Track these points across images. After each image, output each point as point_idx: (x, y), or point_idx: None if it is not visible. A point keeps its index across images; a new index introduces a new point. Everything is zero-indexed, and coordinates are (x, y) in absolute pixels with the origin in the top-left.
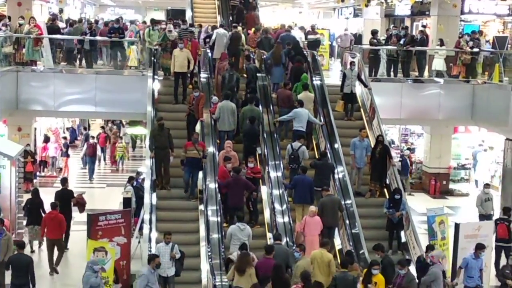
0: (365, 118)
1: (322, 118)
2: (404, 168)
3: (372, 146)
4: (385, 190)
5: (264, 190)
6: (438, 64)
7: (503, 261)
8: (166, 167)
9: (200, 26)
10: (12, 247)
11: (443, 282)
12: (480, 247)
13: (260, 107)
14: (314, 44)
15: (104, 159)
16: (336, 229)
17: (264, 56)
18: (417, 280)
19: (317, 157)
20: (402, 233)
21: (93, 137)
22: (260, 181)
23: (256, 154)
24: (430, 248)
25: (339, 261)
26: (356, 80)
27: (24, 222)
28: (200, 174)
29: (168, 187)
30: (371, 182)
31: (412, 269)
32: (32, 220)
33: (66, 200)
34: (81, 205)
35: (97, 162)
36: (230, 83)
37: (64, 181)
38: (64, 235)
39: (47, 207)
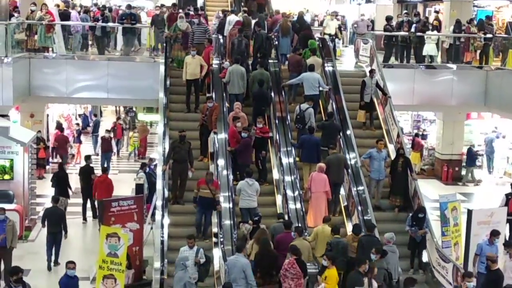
0: (384, 127)
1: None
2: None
3: (387, 156)
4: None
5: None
6: (430, 49)
7: None
8: (183, 182)
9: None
10: (16, 233)
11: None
12: (495, 234)
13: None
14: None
15: (118, 153)
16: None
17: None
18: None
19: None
20: (424, 252)
21: (108, 131)
22: (269, 140)
23: (265, 115)
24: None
25: (344, 217)
26: (375, 89)
27: (37, 208)
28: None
29: (182, 202)
30: (392, 196)
31: None
32: (60, 192)
33: (89, 175)
34: None
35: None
36: (239, 48)
37: (88, 158)
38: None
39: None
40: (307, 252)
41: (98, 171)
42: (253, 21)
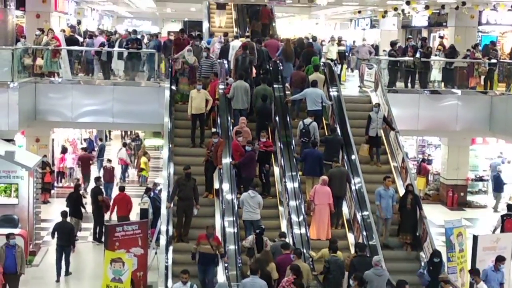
0: (392, 162)
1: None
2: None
3: (395, 193)
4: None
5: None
6: (433, 75)
7: None
8: (188, 220)
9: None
10: (24, 259)
11: None
12: (500, 259)
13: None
14: (341, 56)
15: (124, 179)
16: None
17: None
18: None
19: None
20: None
21: (109, 161)
22: (272, 155)
23: (268, 129)
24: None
25: (346, 229)
26: (382, 123)
27: (41, 232)
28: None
29: (187, 240)
30: (402, 234)
31: None
32: (71, 212)
33: (95, 197)
34: (106, 206)
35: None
36: (243, 65)
37: (97, 179)
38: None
39: None
40: (306, 275)
41: None
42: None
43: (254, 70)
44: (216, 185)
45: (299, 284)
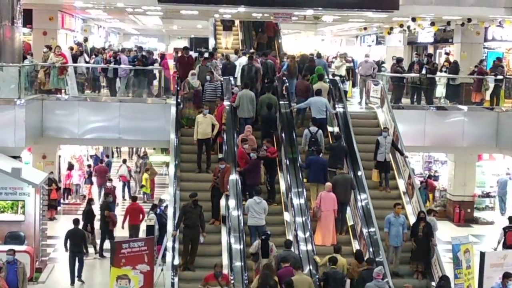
0: (400, 188)
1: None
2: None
3: (405, 221)
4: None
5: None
6: (439, 91)
7: None
8: (194, 248)
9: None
10: (26, 275)
11: None
12: (507, 276)
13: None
14: (348, 73)
15: (124, 197)
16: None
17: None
18: None
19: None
20: None
21: (110, 180)
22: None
23: (273, 137)
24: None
25: (351, 236)
26: (390, 148)
27: (47, 249)
28: None
29: (193, 268)
30: (413, 263)
31: None
32: (84, 227)
33: (103, 211)
34: (112, 221)
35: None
36: (249, 74)
37: (107, 195)
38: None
39: None
40: (307, 287)
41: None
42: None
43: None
44: (223, 212)
45: None
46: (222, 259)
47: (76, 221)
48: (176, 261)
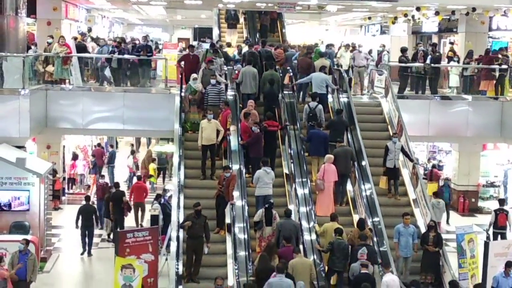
0: (410, 195)
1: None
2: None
3: (414, 230)
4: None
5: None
6: (456, 81)
7: None
8: (198, 258)
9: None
10: (37, 267)
11: None
12: (509, 265)
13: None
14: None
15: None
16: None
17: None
18: None
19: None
20: None
21: (103, 176)
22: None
23: (275, 112)
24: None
25: (351, 207)
26: (399, 154)
27: (52, 239)
28: None
29: (197, 280)
30: (423, 273)
31: None
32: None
33: (119, 199)
34: (128, 208)
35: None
36: (251, 55)
37: (117, 185)
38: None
39: None
40: (308, 270)
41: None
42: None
43: None
44: (228, 220)
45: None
46: (227, 270)
47: (87, 198)
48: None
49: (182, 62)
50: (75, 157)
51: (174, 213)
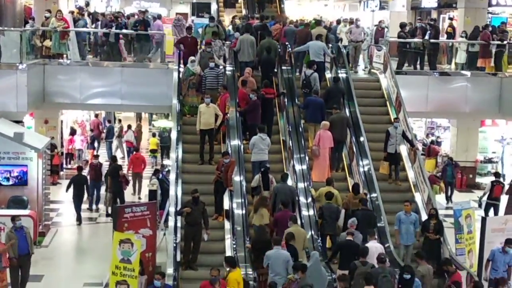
0: (411, 180)
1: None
2: None
3: (416, 218)
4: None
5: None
6: (463, 57)
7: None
8: (196, 246)
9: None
10: (32, 238)
11: None
12: (509, 242)
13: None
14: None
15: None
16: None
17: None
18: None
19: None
20: None
21: (97, 156)
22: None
23: (272, 80)
24: None
25: (346, 173)
26: (401, 139)
27: (50, 213)
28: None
29: (196, 267)
30: None
31: None
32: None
33: (116, 173)
34: (126, 181)
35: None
36: (247, 26)
37: (114, 159)
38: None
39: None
40: (302, 240)
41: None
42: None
43: None
44: (226, 206)
45: (293, 247)
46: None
47: (79, 168)
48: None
49: (181, 45)
50: (73, 132)
51: (173, 188)
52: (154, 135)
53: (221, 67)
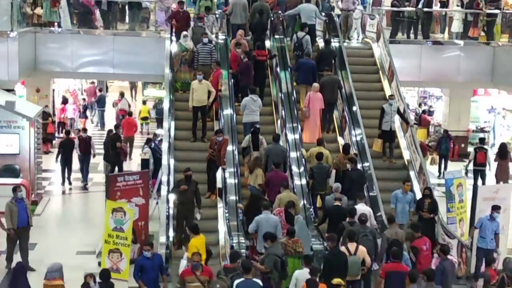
0: (405, 157)
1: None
2: None
3: (412, 198)
4: None
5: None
6: (455, 26)
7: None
8: (189, 225)
9: None
10: (30, 209)
11: None
12: (495, 208)
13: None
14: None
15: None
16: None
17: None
18: None
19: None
20: None
21: (85, 130)
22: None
23: (264, 43)
24: None
25: (337, 134)
26: (395, 116)
27: (43, 182)
28: None
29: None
30: None
31: None
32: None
33: (114, 144)
34: (123, 152)
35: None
36: None
37: (116, 127)
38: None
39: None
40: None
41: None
42: None
43: None
44: (219, 185)
45: (289, 213)
46: (218, 235)
47: (67, 132)
48: (172, 196)
49: (173, 21)
50: (65, 101)
51: (165, 157)
52: (144, 102)
53: (214, 42)
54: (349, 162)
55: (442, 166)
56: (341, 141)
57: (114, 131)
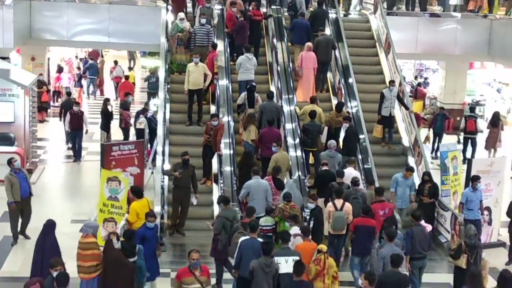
0: (404, 143)
1: None
2: None
3: (413, 182)
4: None
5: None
6: None
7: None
8: (184, 210)
9: None
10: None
11: None
12: (475, 179)
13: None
14: None
15: (117, 97)
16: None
17: None
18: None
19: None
20: None
21: (77, 104)
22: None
23: (259, 2)
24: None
25: (331, 94)
26: (395, 101)
27: (38, 151)
28: None
29: (183, 231)
30: None
31: None
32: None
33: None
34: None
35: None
36: None
37: (108, 100)
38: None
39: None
40: (287, 163)
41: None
42: None
43: None
44: (215, 170)
45: (278, 179)
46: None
47: (68, 93)
48: (167, 166)
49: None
50: (60, 69)
51: (160, 128)
52: (130, 69)
53: (213, 23)
54: (342, 120)
55: (436, 144)
56: (334, 100)
57: (106, 104)
